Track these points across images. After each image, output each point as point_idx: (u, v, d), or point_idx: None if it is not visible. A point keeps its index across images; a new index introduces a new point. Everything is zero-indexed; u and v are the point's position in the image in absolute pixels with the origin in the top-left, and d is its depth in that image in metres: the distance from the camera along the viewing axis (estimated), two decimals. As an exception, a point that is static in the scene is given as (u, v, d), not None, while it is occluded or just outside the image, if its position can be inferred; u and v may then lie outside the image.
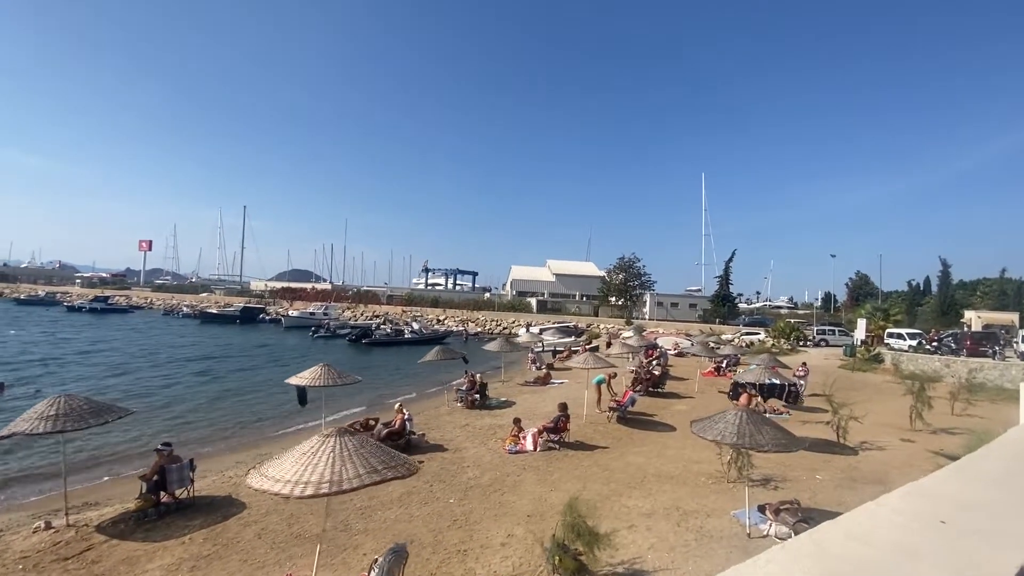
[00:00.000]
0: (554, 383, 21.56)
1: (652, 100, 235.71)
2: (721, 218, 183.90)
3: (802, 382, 23.57)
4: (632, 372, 22.20)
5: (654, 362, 25.84)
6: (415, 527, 7.68)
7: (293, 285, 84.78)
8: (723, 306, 63.10)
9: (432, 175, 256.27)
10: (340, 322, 54.41)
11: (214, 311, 58.94)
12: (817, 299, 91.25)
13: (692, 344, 36.41)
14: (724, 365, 25.52)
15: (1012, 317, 41.96)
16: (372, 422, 11.11)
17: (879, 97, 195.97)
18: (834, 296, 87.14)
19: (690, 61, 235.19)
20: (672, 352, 31.72)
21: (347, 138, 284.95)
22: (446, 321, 58.28)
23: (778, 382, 12.73)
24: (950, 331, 36.62)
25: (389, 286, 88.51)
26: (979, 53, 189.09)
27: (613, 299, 73.90)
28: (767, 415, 17.41)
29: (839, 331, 44.67)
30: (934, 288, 58.10)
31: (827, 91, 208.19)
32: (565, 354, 30.22)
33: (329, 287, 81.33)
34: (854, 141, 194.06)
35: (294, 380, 11.15)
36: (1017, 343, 29.36)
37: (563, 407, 12.61)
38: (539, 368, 23.31)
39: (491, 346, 22.31)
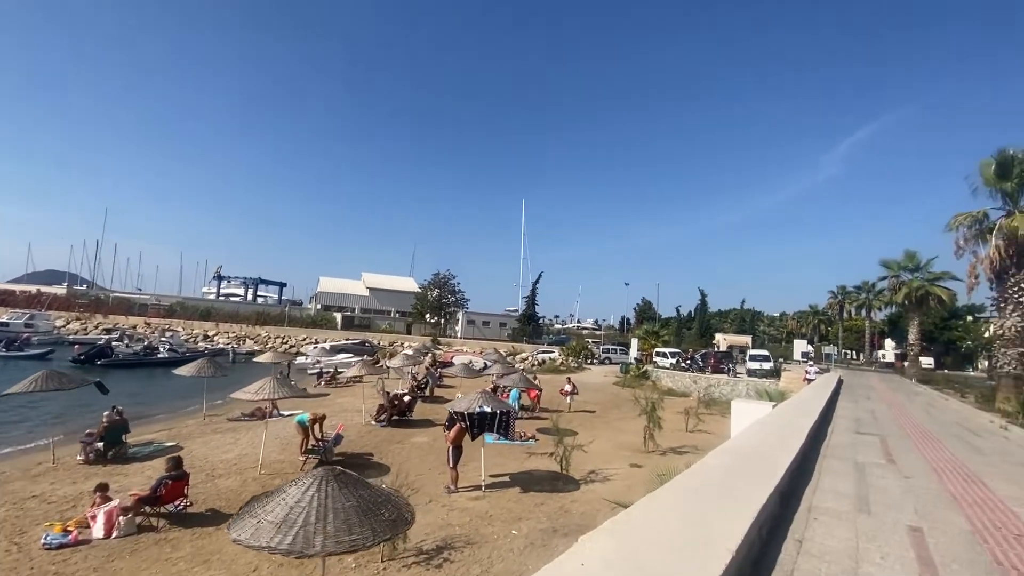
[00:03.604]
0: (280, 416, 17.04)
1: (486, 121, 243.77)
2: (545, 245, 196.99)
3: (570, 399, 23.43)
4: (382, 394, 18.91)
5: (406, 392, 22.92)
6: None
7: (6, 286, 63.38)
8: (528, 326, 64.76)
9: (244, 171, 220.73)
10: (53, 336, 41.27)
11: None
12: (608, 320, 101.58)
13: (485, 364, 35.16)
14: (502, 385, 23.87)
15: (747, 339, 50.52)
16: None
17: (668, 156, 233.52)
18: (627, 319, 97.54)
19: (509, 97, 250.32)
20: (475, 370, 29.42)
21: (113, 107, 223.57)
22: (216, 337, 48.41)
23: (489, 410, 10.48)
24: (702, 351, 41.88)
25: (155, 294, 71.93)
26: (753, 126, 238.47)
27: (428, 316, 71.18)
28: (515, 442, 15.78)
29: (620, 350, 48.24)
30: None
31: (630, 146, 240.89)
32: (327, 378, 25.73)
33: (63, 291, 62.75)
34: (653, 188, 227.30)
35: None
36: (746, 361, 34.23)
37: (176, 463, 8.47)
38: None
39: (184, 370, 16.80)
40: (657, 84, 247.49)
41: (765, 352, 36.66)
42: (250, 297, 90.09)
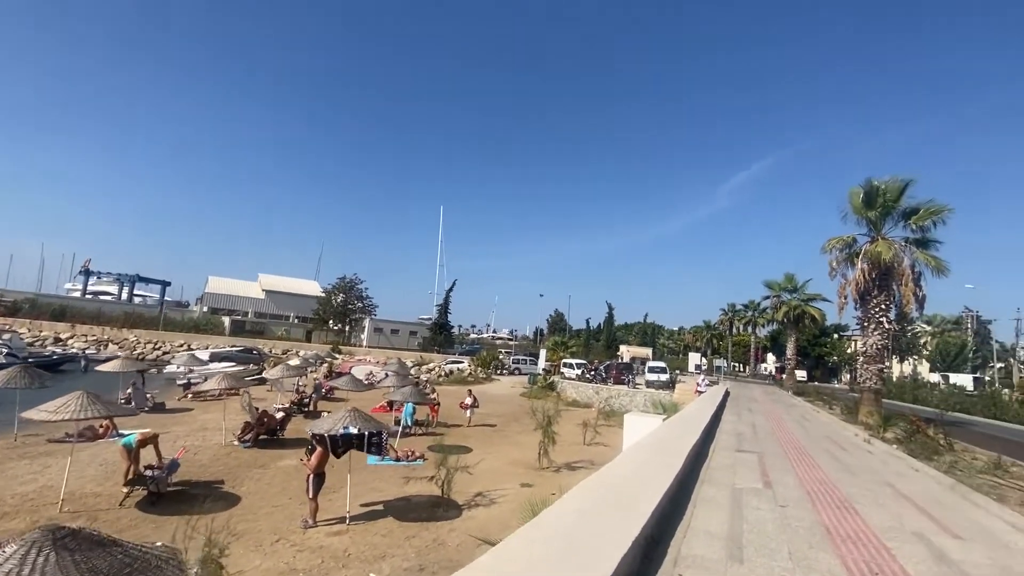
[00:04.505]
0: (117, 436, 14.21)
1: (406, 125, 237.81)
2: (467, 252, 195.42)
3: (470, 412, 22.36)
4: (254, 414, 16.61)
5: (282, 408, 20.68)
6: None
7: None
8: (440, 335, 63.06)
9: (127, 156, 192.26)
10: None
11: None
12: (524, 330, 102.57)
13: (386, 374, 33.15)
14: (396, 400, 22.19)
15: (648, 352, 52.74)
16: None
17: (574, 181, 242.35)
18: (541, 330, 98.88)
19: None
20: (364, 383, 27.20)
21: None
22: (71, 341, 41.60)
23: (355, 431, 9.12)
24: (606, 362, 42.89)
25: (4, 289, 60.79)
26: (659, 156, 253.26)
27: (331, 322, 66.91)
28: (400, 463, 14.40)
29: (530, 361, 48.16)
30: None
31: (541, 169, 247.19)
32: (191, 391, 22.48)
33: None
34: (571, 204, 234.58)
35: None
36: (645, 373, 35.39)
37: None
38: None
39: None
40: (579, 104, 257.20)
41: (662, 364, 38.26)
42: (125, 296, 79.63)
